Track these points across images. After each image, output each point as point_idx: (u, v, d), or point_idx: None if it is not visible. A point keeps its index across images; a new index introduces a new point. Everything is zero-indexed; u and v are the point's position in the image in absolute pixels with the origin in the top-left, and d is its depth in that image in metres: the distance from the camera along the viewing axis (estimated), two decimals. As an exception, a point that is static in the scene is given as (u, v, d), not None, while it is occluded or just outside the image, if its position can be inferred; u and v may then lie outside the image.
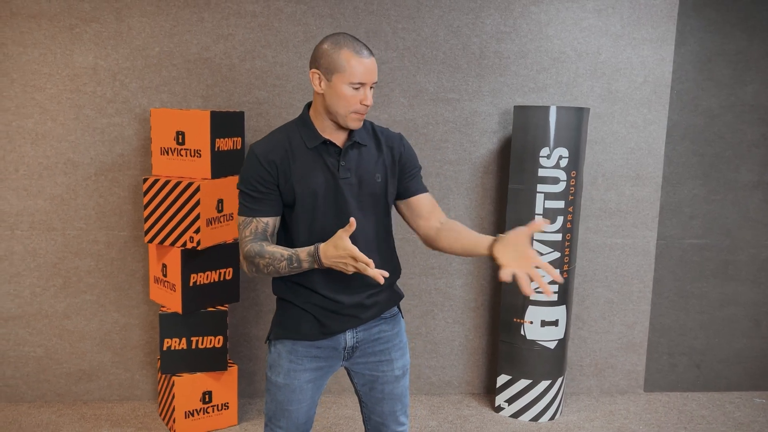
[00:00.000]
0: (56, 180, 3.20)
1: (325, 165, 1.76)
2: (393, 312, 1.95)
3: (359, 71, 1.68)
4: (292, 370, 1.84)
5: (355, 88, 1.69)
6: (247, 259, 1.74)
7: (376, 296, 1.87)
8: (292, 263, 1.69)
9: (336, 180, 1.76)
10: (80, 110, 3.17)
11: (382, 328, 1.91)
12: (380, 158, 1.83)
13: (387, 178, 1.84)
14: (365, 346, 1.89)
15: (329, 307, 1.82)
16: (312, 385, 1.86)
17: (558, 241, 3.18)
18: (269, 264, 1.71)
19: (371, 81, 1.71)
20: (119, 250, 3.28)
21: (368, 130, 1.86)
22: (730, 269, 3.64)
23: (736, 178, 3.57)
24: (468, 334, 3.57)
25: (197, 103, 3.22)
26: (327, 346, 1.85)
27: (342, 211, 1.77)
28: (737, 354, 3.71)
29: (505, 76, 3.38)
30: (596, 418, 3.36)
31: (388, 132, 1.89)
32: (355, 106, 1.71)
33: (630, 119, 3.47)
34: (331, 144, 1.78)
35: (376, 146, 1.84)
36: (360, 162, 1.80)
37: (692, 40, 3.44)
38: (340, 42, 1.69)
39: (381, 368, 1.91)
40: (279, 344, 1.86)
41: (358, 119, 1.74)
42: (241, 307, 3.39)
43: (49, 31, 3.10)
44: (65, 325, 3.30)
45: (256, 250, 1.73)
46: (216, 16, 3.17)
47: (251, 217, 1.77)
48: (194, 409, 3.04)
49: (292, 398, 1.84)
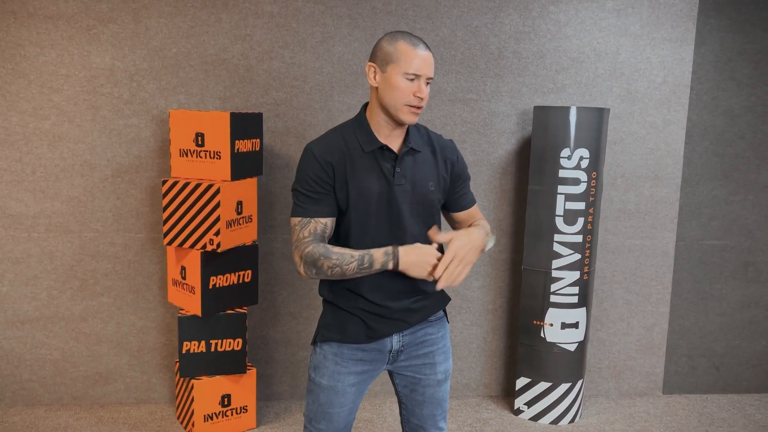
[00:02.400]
0: (73, 182, 3.18)
1: (381, 170, 1.75)
2: (439, 315, 1.93)
3: (414, 62, 1.68)
4: (336, 372, 1.82)
5: (410, 79, 1.69)
6: (308, 261, 1.70)
7: (423, 300, 1.85)
8: (363, 264, 1.67)
9: (390, 186, 1.75)
10: (97, 111, 3.15)
11: (427, 331, 1.89)
12: (435, 166, 1.82)
13: (439, 186, 1.83)
14: (410, 349, 1.87)
15: (376, 312, 1.80)
16: (355, 389, 1.84)
17: (578, 242, 3.15)
18: (336, 265, 1.67)
19: (426, 74, 1.70)
20: (136, 253, 3.26)
21: (423, 135, 1.85)
22: (750, 271, 3.61)
23: (757, 179, 3.54)
24: (486, 336, 3.55)
25: (215, 104, 3.20)
26: (373, 349, 1.84)
27: (394, 217, 1.76)
28: (757, 356, 3.68)
29: (523, 77, 3.36)
30: (616, 420, 3.33)
31: (442, 139, 1.89)
32: (408, 98, 1.70)
33: (649, 119, 3.44)
34: (387, 149, 1.76)
35: (432, 153, 1.83)
36: (415, 169, 1.78)
37: (712, 40, 3.42)
38: (397, 36, 1.72)
39: (424, 371, 1.89)
40: (326, 346, 1.84)
41: (412, 113, 1.72)
42: (258, 309, 3.37)
43: (67, 32, 3.08)
44: (82, 328, 3.28)
45: (320, 252, 1.69)
46: (234, 17, 3.15)
47: (309, 218, 1.73)
48: (213, 412, 3.02)
49: (334, 401, 1.82)
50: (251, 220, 3.01)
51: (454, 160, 1.86)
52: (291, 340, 3.42)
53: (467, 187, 1.93)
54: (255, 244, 3.05)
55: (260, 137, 3.01)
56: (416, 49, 1.69)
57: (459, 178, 1.88)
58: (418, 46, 1.69)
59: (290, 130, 3.26)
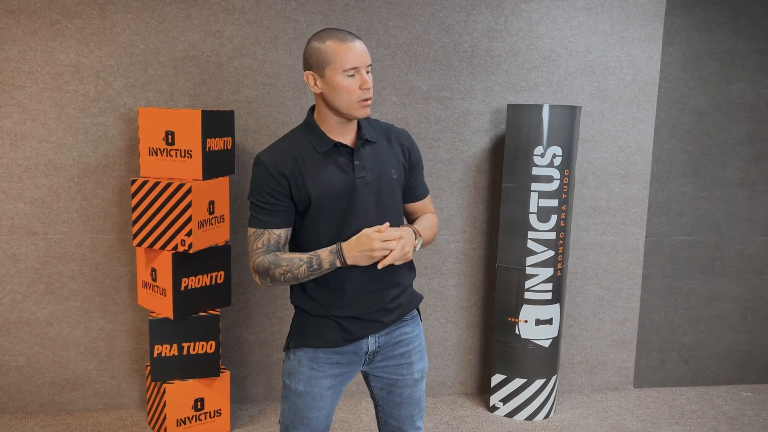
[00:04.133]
0: (37, 182, 3.08)
1: (339, 167, 1.73)
2: (413, 314, 1.92)
3: (348, 57, 1.66)
4: (313, 378, 1.79)
5: (350, 75, 1.66)
6: (260, 271, 1.71)
7: (398, 299, 1.83)
8: (312, 266, 1.67)
9: (353, 180, 1.73)
10: (62, 109, 3.05)
11: (403, 331, 1.88)
12: (393, 154, 1.82)
13: (401, 173, 1.83)
14: (386, 350, 1.86)
15: (351, 314, 1.77)
16: (332, 391, 1.82)
17: (552, 239, 3.17)
18: (287, 271, 1.68)
19: (364, 64, 1.68)
20: (104, 254, 3.17)
21: (375, 126, 1.84)
22: (717, 265, 3.68)
23: (723, 176, 3.62)
24: (461, 333, 3.55)
25: (184, 102, 3.14)
26: (349, 351, 1.81)
27: (362, 211, 1.74)
28: (725, 349, 3.77)
29: (496, 75, 3.37)
30: (590, 415, 3.37)
31: (395, 128, 1.88)
32: (357, 94, 1.68)
33: (619, 117, 3.49)
34: (342, 145, 1.74)
35: (387, 141, 1.83)
36: (374, 159, 1.77)
37: (680, 39, 3.48)
38: (323, 36, 1.68)
39: (401, 371, 1.87)
40: (299, 351, 1.81)
41: (364, 106, 1.70)
42: (231, 310, 3.31)
43: (29, 27, 2.98)
44: (48, 333, 3.18)
45: (270, 260, 1.70)
46: (204, 13, 3.09)
47: (263, 229, 1.73)
48: (186, 416, 2.96)
49: (312, 405, 1.79)
50: (223, 220, 2.96)
51: (410, 147, 1.86)
52: (265, 341, 3.37)
53: (422, 177, 1.93)
54: (228, 244, 3.00)
55: (232, 135, 2.95)
56: (346, 43, 1.66)
57: (415, 165, 1.88)
58: (346, 40, 1.66)
59: (262, 128, 3.21)
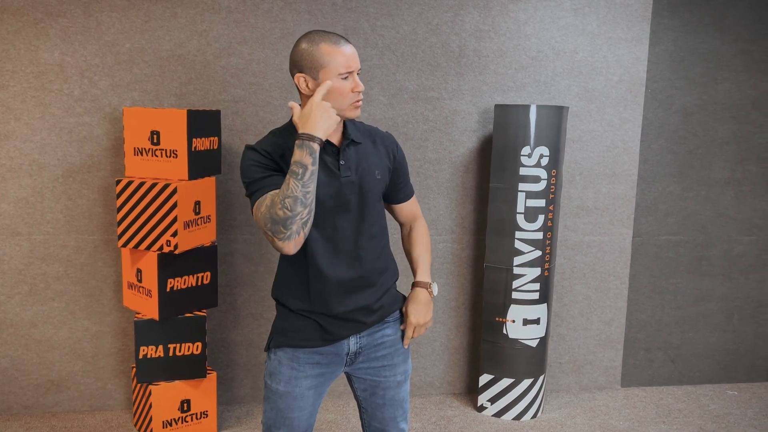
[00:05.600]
0: (21, 182, 3.05)
1: (325, 164, 1.73)
2: (396, 316, 1.92)
3: (342, 61, 1.67)
4: (293, 378, 1.78)
5: (344, 78, 1.68)
6: (270, 223, 1.58)
7: (380, 300, 1.83)
8: (296, 173, 1.56)
9: (338, 179, 1.73)
10: (46, 109, 3.02)
11: (385, 333, 1.87)
12: (377, 156, 1.83)
13: (385, 174, 1.85)
14: (368, 351, 1.85)
15: (332, 313, 1.77)
16: (313, 391, 1.81)
17: (539, 239, 3.18)
18: (284, 197, 1.56)
19: (357, 68, 1.71)
20: (89, 255, 3.14)
21: (360, 128, 1.86)
22: (703, 265, 3.70)
23: (709, 176, 3.64)
24: (449, 334, 3.55)
25: (170, 101, 3.11)
26: (330, 352, 1.81)
27: (345, 210, 1.75)
28: (711, 347, 3.79)
29: (484, 75, 3.37)
30: (577, 414, 3.38)
31: (379, 131, 1.90)
32: (350, 97, 1.70)
33: (606, 117, 3.50)
34: (329, 143, 1.74)
35: (372, 143, 1.84)
36: (359, 160, 1.78)
37: (666, 40, 3.49)
38: (315, 39, 1.68)
39: (383, 373, 1.87)
40: (280, 351, 1.81)
41: (357, 107, 1.74)
42: (218, 311, 3.29)
43: (13, 26, 2.94)
44: (32, 334, 3.15)
45: (267, 205, 1.60)
46: (190, 12, 3.07)
47: (264, 194, 1.63)
48: (172, 418, 2.94)
49: (293, 405, 1.79)
50: (210, 221, 2.94)
51: (394, 150, 1.89)
52: (253, 342, 3.35)
53: (407, 179, 1.96)
54: (214, 244, 2.98)
55: (218, 135, 2.93)
56: (339, 46, 1.68)
57: (400, 167, 1.91)
58: (339, 44, 1.68)
59: (249, 128, 3.19)
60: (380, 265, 1.84)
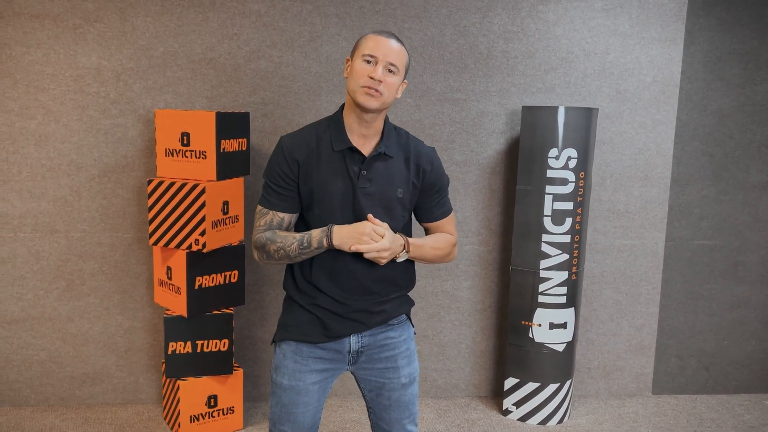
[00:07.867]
0: (60, 182, 3.17)
1: (347, 171, 1.76)
2: (401, 319, 1.92)
3: (371, 45, 1.72)
4: (297, 371, 1.82)
5: (367, 60, 1.71)
6: (258, 246, 1.78)
7: (384, 304, 1.85)
8: (303, 243, 1.72)
9: (354, 188, 1.75)
10: (84, 111, 3.13)
11: (388, 335, 1.88)
12: (406, 174, 1.81)
13: (409, 193, 1.82)
14: (371, 352, 1.87)
15: (334, 310, 1.80)
16: (318, 387, 1.84)
17: (566, 243, 3.14)
18: (280, 248, 1.73)
19: (384, 57, 1.70)
20: (123, 253, 3.24)
21: (402, 140, 1.83)
22: (739, 270, 3.60)
23: (746, 179, 3.53)
24: (475, 336, 3.54)
25: (202, 103, 3.19)
26: (332, 348, 1.84)
27: (359, 219, 1.77)
28: (747, 356, 3.68)
29: (512, 76, 3.35)
30: (605, 421, 3.33)
31: (422, 146, 1.86)
32: (363, 79, 1.70)
33: (638, 119, 3.43)
34: (356, 151, 1.76)
35: (404, 161, 1.82)
36: (385, 174, 1.78)
37: (702, 40, 3.41)
38: (367, 32, 1.80)
39: (387, 375, 1.88)
40: (284, 345, 1.85)
41: (367, 94, 1.70)
42: (246, 309, 3.36)
43: (53, 31, 3.06)
44: (69, 329, 3.27)
45: (267, 236, 1.76)
46: (221, 16, 3.14)
47: (268, 209, 1.80)
48: (199, 413, 3.00)
49: (297, 401, 1.82)
50: (238, 221, 3.00)
51: (428, 169, 1.83)
52: (279, 340, 3.40)
53: (442, 198, 1.90)
54: (242, 244, 3.04)
55: (247, 137, 2.99)
56: (377, 35, 1.73)
57: (432, 187, 1.86)
58: (381, 34, 1.74)
59: (278, 130, 3.25)
60: (388, 277, 1.83)
